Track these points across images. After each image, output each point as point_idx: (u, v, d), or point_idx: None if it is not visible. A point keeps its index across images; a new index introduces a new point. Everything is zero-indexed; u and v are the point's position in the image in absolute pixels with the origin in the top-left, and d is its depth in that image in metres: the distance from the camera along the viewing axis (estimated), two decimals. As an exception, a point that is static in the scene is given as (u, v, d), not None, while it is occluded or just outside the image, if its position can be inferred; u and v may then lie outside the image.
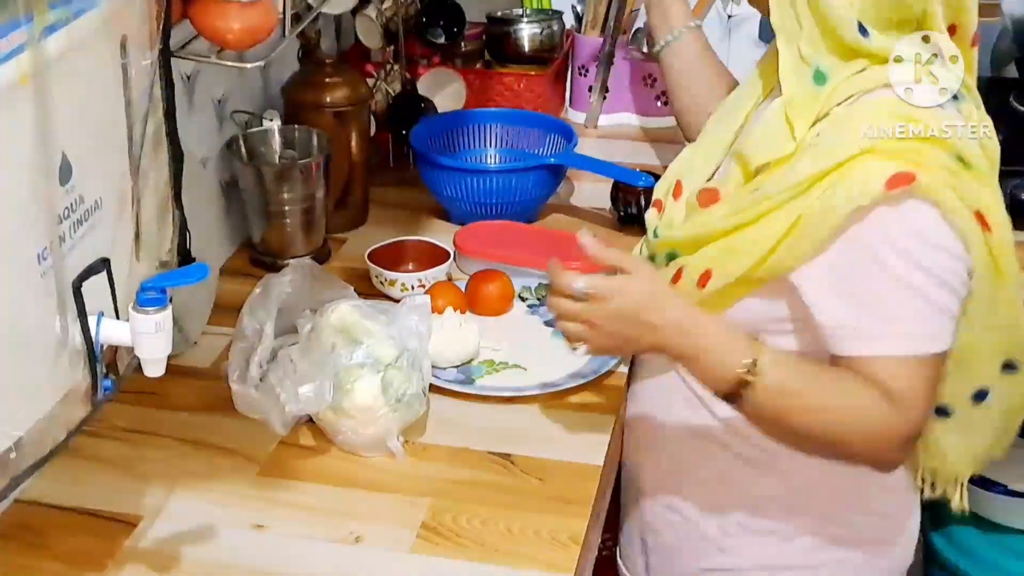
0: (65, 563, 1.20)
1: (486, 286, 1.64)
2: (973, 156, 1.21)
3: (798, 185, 1.20)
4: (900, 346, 1.19)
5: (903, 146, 1.18)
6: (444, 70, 2.21)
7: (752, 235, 1.24)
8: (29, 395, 0.96)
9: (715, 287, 1.27)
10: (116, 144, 1.04)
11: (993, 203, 1.23)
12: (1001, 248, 1.24)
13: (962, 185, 1.19)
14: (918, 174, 1.16)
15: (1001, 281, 1.25)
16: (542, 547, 1.23)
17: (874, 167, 1.17)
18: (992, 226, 1.22)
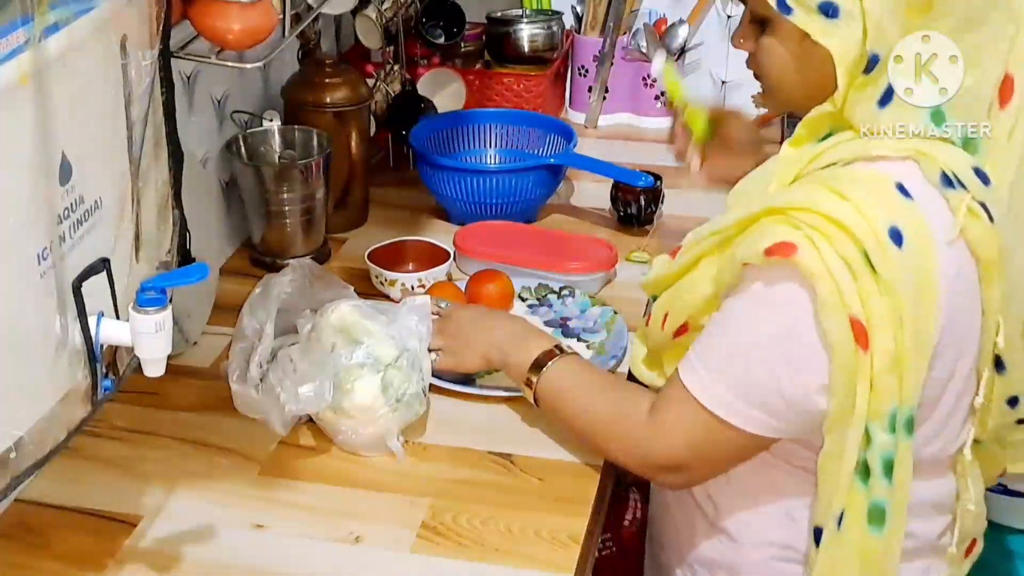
0: (65, 563, 1.20)
1: (486, 286, 1.64)
2: (889, 263, 1.08)
3: (719, 232, 1.19)
4: (696, 387, 1.17)
5: (810, 219, 1.09)
6: (444, 70, 2.21)
7: (691, 280, 1.24)
8: (29, 395, 0.96)
9: (671, 328, 1.27)
10: (116, 144, 1.04)
11: (887, 322, 1.08)
12: (873, 378, 1.10)
13: (853, 286, 1.08)
14: (801, 250, 1.09)
15: (847, 419, 1.12)
16: (542, 547, 1.23)
17: (769, 228, 1.11)
18: (873, 348, 1.08)
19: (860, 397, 1.11)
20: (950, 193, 1.13)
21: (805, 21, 1.13)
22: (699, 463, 1.22)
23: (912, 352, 1.10)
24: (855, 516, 1.16)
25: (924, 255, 1.10)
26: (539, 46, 2.26)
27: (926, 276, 1.10)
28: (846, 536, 1.17)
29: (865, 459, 1.14)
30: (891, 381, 1.10)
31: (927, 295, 1.10)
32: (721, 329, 1.18)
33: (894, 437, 1.12)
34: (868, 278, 1.08)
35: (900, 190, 1.12)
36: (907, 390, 1.11)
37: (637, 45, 2.33)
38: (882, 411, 1.11)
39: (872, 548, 1.17)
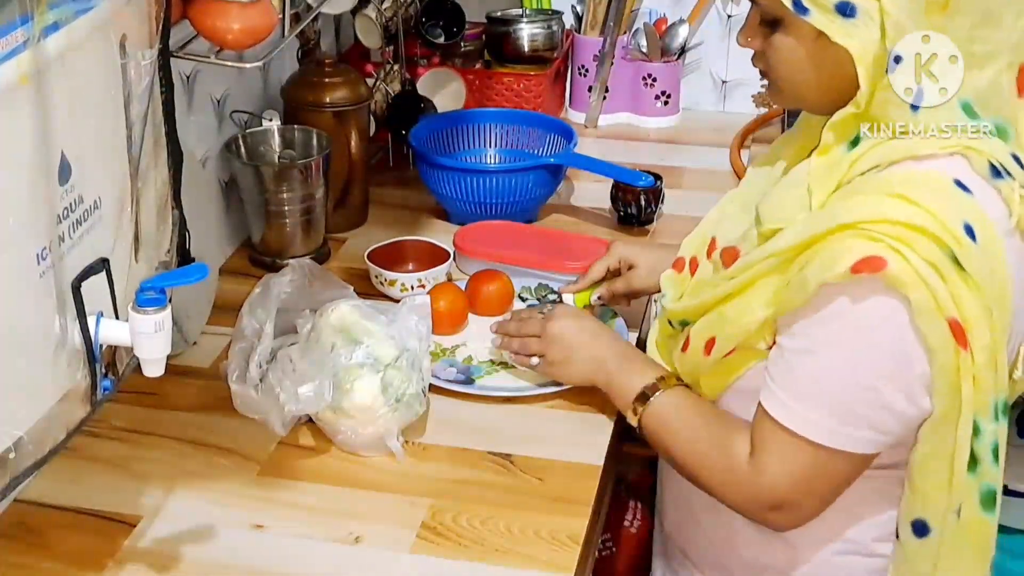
0: (65, 563, 1.20)
1: (486, 286, 1.64)
2: (973, 261, 1.09)
3: (779, 255, 1.17)
4: (793, 422, 1.16)
5: (889, 230, 1.09)
6: (444, 70, 2.21)
7: (741, 304, 1.22)
8: (29, 395, 0.96)
9: (719, 354, 1.25)
10: (115, 144, 1.04)
11: (981, 318, 1.09)
12: (975, 374, 1.11)
13: (945, 288, 1.08)
14: (891, 262, 1.08)
15: (955, 412, 1.13)
16: (542, 547, 1.23)
17: (847, 245, 1.10)
18: (972, 346, 1.10)
19: (966, 395, 1.12)
20: (1001, 184, 1.14)
21: (823, 22, 1.12)
22: (808, 497, 1.20)
23: (1001, 342, 1.12)
24: (969, 505, 1.18)
25: (993, 248, 1.11)
26: (539, 46, 2.26)
27: (1000, 267, 1.11)
28: (964, 526, 1.18)
29: (974, 450, 1.15)
30: (990, 374, 1.12)
31: (1003, 285, 1.12)
32: (806, 356, 1.15)
33: (998, 424, 1.14)
34: (956, 278, 1.09)
35: (959, 185, 1.12)
36: (1001, 378, 1.13)
37: (637, 45, 2.33)
38: (987, 403, 1.13)
39: (986, 531, 1.20)
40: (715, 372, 1.27)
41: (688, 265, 1.38)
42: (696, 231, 1.41)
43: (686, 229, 1.56)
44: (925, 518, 1.20)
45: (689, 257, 1.39)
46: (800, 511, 1.21)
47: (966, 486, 1.17)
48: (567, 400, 1.46)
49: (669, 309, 1.35)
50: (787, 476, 1.18)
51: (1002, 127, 1.17)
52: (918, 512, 1.20)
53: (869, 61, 1.12)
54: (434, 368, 1.49)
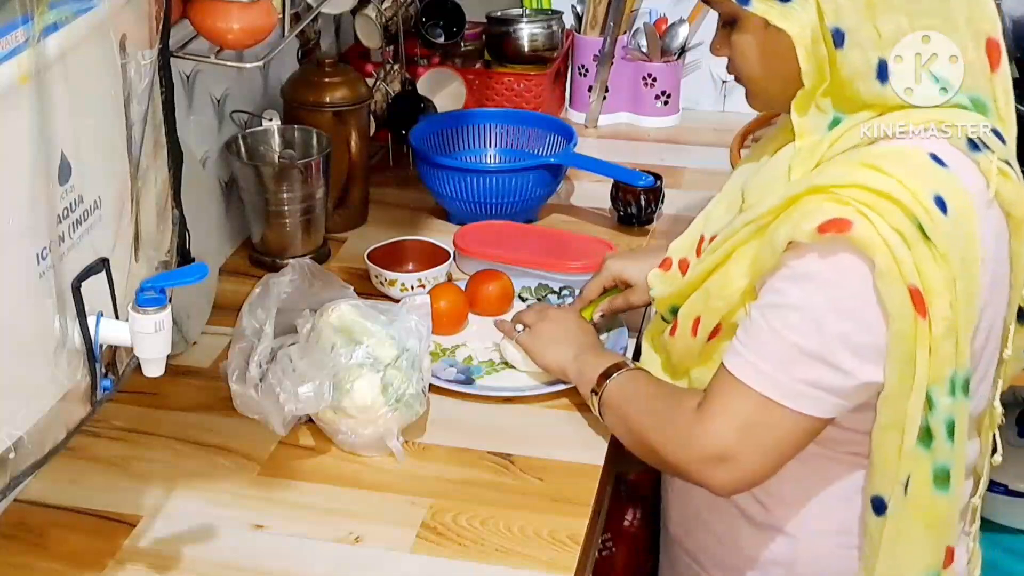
0: (65, 563, 1.20)
1: (486, 286, 1.64)
2: (940, 232, 1.10)
3: (753, 221, 1.19)
4: (744, 372, 1.17)
5: (858, 195, 1.11)
6: (444, 70, 2.21)
7: (723, 276, 1.23)
8: (29, 395, 0.96)
9: (705, 331, 1.26)
10: (115, 144, 1.04)
11: (943, 289, 1.10)
12: (932, 344, 1.11)
13: (908, 256, 1.09)
14: (856, 224, 1.09)
15: (909, 382, 1.13)
16: (542, 547, 1.23)
17: (817, 206, 1.12)
18: (931, 315, 1.10)
19: (920, 364, 1.12)
20: (979, 156, 1.16)
21: (762, 8, 1.17)
22: (748, 450, 1.18)
23: (964, 316, 1.13)
24: (921, 481, 1.17)
25: (967, 221, 1.12)
26: (539, 46, 2.25)
27: (970, 241, 1.13)
28: (912, 501, 1.18)
29: (927, 424, 1.15)
30: (949, 346, 1.12)
31: (972, 259, 1.13)
32: (767, 311, 1.17)
33: (954, 399, 1.14)
34: (922, 247, 1.10)
35: (934, 159, 1.14)
36: (962, 353, 1.14)
37: (637, 45, 2.33)
38: (943, 376, 1.13)
39: (939, 510, 1.19)
40: (703, 357, 1.28)
41: (677, 265, 1.39)
42: (685, 233, 1.42)
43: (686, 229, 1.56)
44: (881, 494, 1.20)
45: (678, 258, 1.39)
46: (742, 464, 1.19)
47: (917, 460, 1.17)
48: (567, 400, 1.46)
49: (658, 298, 1.37)
50: (730, 423, 1.18)
51: (979, 101, 1.18)
52: (876, 488, 1.20)
53: (807, 39, 1.16)
54: (434, 368, 1.49)
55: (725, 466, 1.19)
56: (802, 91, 1.19)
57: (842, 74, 1.16)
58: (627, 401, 1.32)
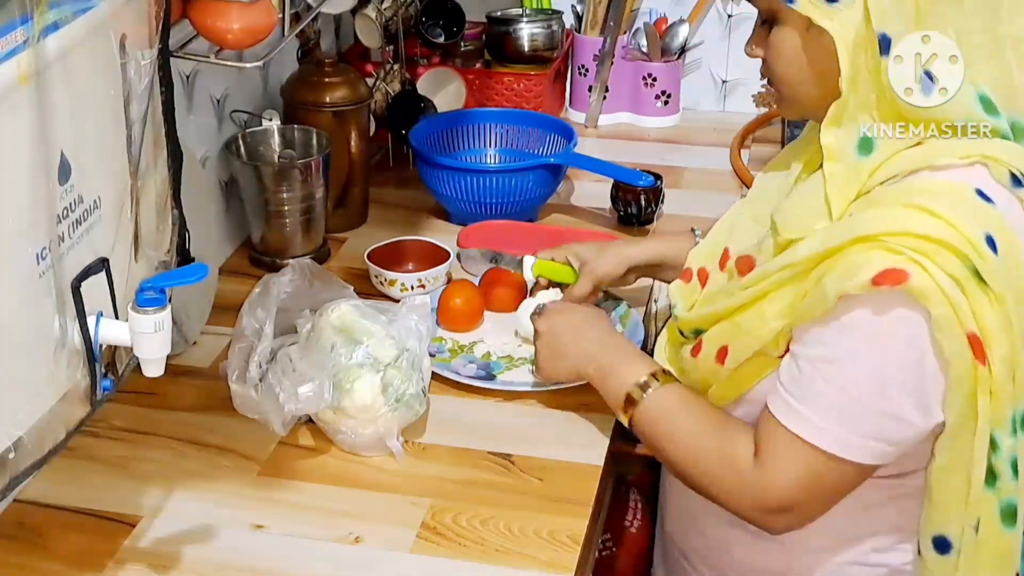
0: (65, 563, 1.20)
1: (500, 283, 1.65)
2: (994, 274, 1.07)
3: (795, 265, 1.15)
4: (802, 428, 1.15)
5: (910, 243, 1.07)
6: (444, 70, 2.21)
7: (755, 314, 1.20)
8: (28, 395, 0.96)
9: (733, 364, 1.24)
10: (115, 143, 1.04)
11: (1000, 330, 1.08)
12: (992, 387, 1.09)
13: (965, 302, 1.07)
14: (913, 275, 1.06)
15: (971, 425, 1.12)
16: (542, 547, 1.23)
17: (868, 257, 1.08)
18: (991, 359, 1.08)
19: (983, 409, 1.10)
20: (1021, 192, 1.13)
21: (807, 7, 1.13)
22: (811, 502, 1.18)
23: (1021, 353, 1.10)
24: (987, 520, 1.16)
25: (1015, 258, 1.10)
26: (539, 45, 2.25)
27: (1019, 278, 1.10)
28: (983, 540, 1.17)
29: (990, 464, 1.14)
30: (1009, 387, 1.10)
31: (1021, 296, 1.10)
32: (820, 364, 1.14)
33: (1016, 439, 1.13)
34: (978, 292, 1.07)
35: (980, 195, 1.11)
36: (1020, 390, 1.12)
37: (637, 44, 2.33)
38: (1004, 416, 1.11)
39: (1007, 545, 1.17)
40: (728, 382, 1.26)
41: (696, 275, 1.37)
42: (705, 242, 1.39)
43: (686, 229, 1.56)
44: (946, 534, 1.18)
45: (697, 268, 1.37)
46: (802, 514, 1.20)
47: (984, 501, 1.15)
48: (567, 400, 1.46)
49: (682, 318, 1.33)
50: (793, 480, 1.17)
51: (1017, 126, 1.15)
52: (939, 528, 1.19)
53: (850, 42, 1.12)
54: (453, 365, 1.50)
55: (786, 516, 1.20)
56: (838, 102, 1.14)
57: (890, 83, 1.12)
58: (665, 429, 1.28)
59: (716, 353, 1.25)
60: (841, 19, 1.11)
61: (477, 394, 1.47)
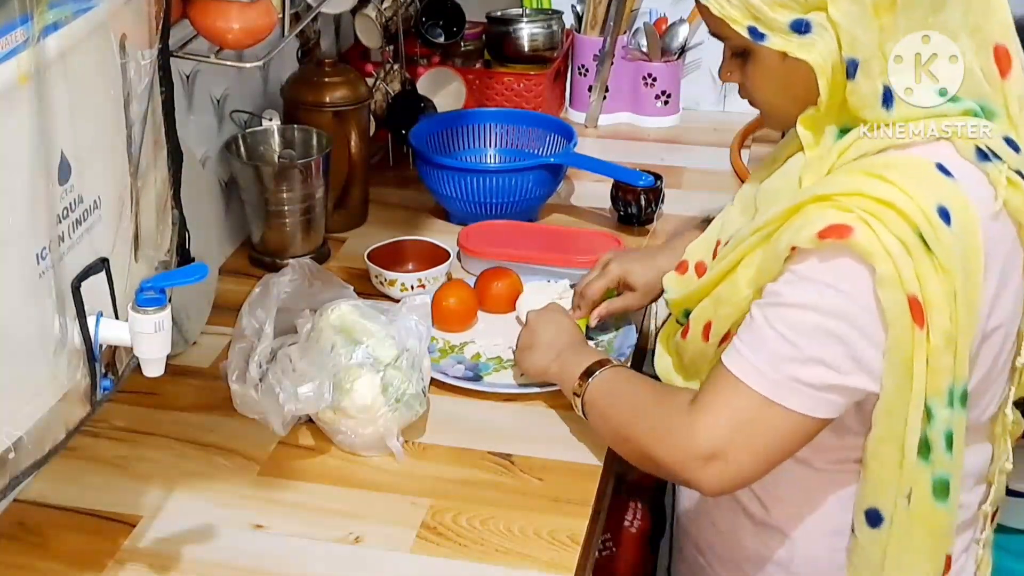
0: (65, 563, 1.20)
1: (495, 283, 1.65)
2: (942, 243, 1.10)
3: (761, 229, 1.19)
4: (741, 369, 1.16)
5: (861, 203, 1.11)
6: (444, 70, 2.21)
7: (731, 283, 1.23)
8: (28, 395, 0.96)
9: (716, 337, 1.26)
10: (115, 143, 1.04)
11: (943, 301, 1.10)
12: (929, 355, 1.11)
13: (910, 265, 1.10)
14: (857, 231, 1.10)
15: (907, 393, 1.13)
16: (542, 547, 1.23)
17: (819, 213, 1.12)
18: (930, 326, 1.10)
19: (918, 376, 1.12)
20: (988, 166, 1.15)
21: (781, 43, 1.16)
22: (740, 449, 1.17)
23: (965, 328, 1.12)
24: (920, 493, 1.17)
25: (970, 232, 1.12)
26: (539, 45, 2.25)
27: (973, 253, 1.12)
28: (913, 513, 1.18)
29: (925, 436, 1.15)
30: (948, 359, 1.12)
31: (974, 271, 1.12)
32: (767, 310, 1.16)
33: (952, 411, 1.14)
34: (923, 258, 1.10)
35: (940, 169, 1.13)
36: (960, 365, 1.13)
37: (637, 45, 2.33)
38: (941, 387, 1.13)
39: (938, 520, 1.19)
40: (715, 359, 1.26)
41: (694, 268, 1.38)
42: (702, 237, 1.41)
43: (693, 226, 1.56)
44: (877, 506, 1.20)
45: (695, 261, 1.38)
46: (732, 463, 1.18)
47: (917, 471, 1.17)
48: (567, 400, 1.45)
49: (672, 301, 1.36)
50: (723, 419, 1.17)
51: (988, 108, 1.17)
52: (871, 500, 1.20)
53: (829, 70, 1.15)
54: (442, 365, 1.50)
55: (715, 464, 1.18)
56: (813, 111, 1.18)
57: (850, 102, 1.16)
58: (611, 399, 1.31)
59: (702, 331, 1.27)
60: (819, 50, 1.14)
61: (477, 394, 1.47)
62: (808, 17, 1.14)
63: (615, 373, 1.34)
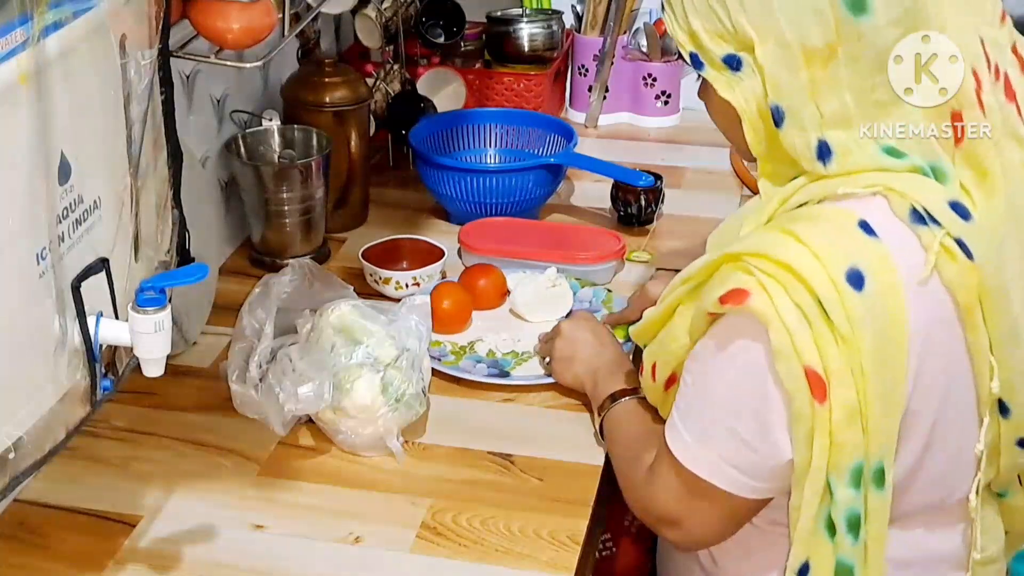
0: (65, 563, 1.20)
1: (480, 281, 1.65)
2: (845, 311, 1.03)
3: (690, 280, 1.15)
4: (675, 444, 1.16)
5: (763, 265, 1.05)
6: (444, 70, 2.21)
7: (669, 330, 1.20)
8: (29, 395, 0.96)
9: (661, 380, 1.23)
10: (115, 144, 1.04)
11: (844, 373, 1.03)
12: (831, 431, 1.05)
13: (808, 334, 1.03)
14: (753, 296, 1.04)
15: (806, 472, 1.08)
16: (542, 547, 1.23)
17: (727, 275, 1.08)
18: (831, 400, 1.04)
19: (818, 450, 1.06)
20: (921, 230, 1.06)
21: (712, 75, 1.12)
22: (693, 521, 1.19)
23: (879, 402, 1.05)
24: (822, 571, 1.12)
25: (890, 297, 1.04)
26: (539, 45, 2.25)
27: (893, 319, 1.04)
28: None
29: (829, 514, 1.10)
30: (853, 434, 1.06)
31: (895, 340, 1.05)
32: (692, 385, 1.15)
33: (859, 492, 1.08)
34: (823, 326, 1.03)
35: (863, 228, 1.06)
36: (874, 443, 1.07)
37: (637, 44, 2.33)
38: (842, 465, 1.07)
39: None
40: (663, 403, 1.25)
41: None
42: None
43: (686, 229, 1.56)
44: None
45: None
46: (688, 529, 1.19)
47: (817, 547, 1.11)
48: (567, 400, 1.46)
49: (633, 332, 1.30)
50: (670, 494, 1.18)
51: (939, 169, 1.09)
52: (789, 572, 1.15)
53: (753, 113, 1.10)
54: (462, 366, 1.51)
55: (673, 529, 1.22)
56: (759, 164, 1.15)
57: (783, 150, 1.10)
58: (614, 433, 1.34)
59: (651, 370, 1.25)
60: (743, 90, 1.10)
61: (477, 394, 1.47)
62: (741, 55, 1.09)
63: (630, 407, 1.34)
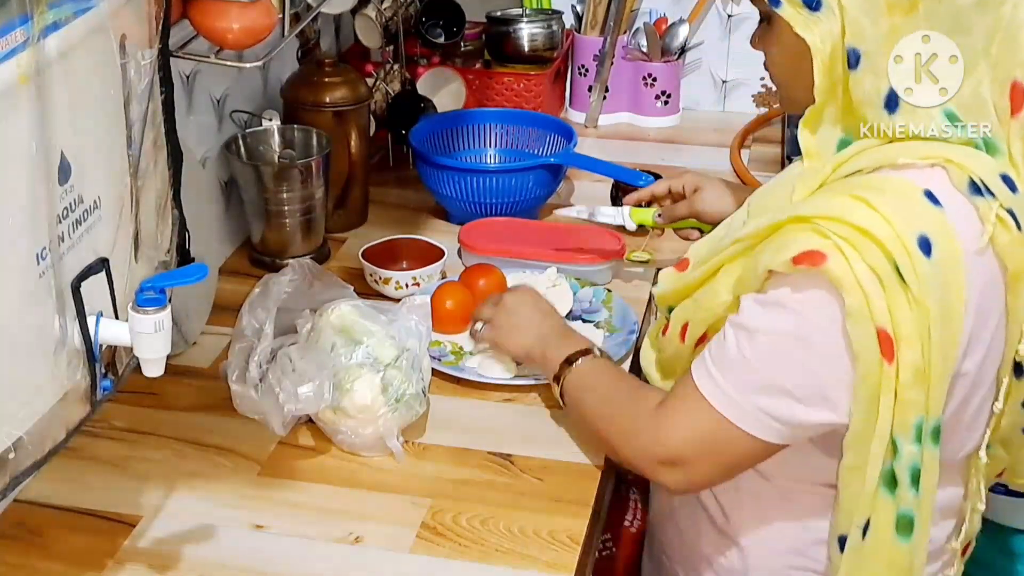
0: (65, 563, 1.20)
1: (480, 281, 1.65)
2: (918, 275, 1.07)
3: (742, 240, 1.17)
4: (707, 386, 1.16)
5: (838, 229, 1.08)
6: (444, 70, 2.21)
7: (710, 289, 1.23)
8: (28, 395, 0.96)
9: (692, 340, 1.25)
10: (115, 144, 1.04)
11: (914, 335, 1.07)
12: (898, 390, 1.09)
13: (882, 297, 1.07)
14: (830, 259, 1.07)
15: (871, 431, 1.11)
16: (542, 547, 1.23)
17: (796, 236, 1.10)
18: (900, 361, 1.07)
19: (884, 409, 1.10)
20: (979, 201, 1.11)
21: (790, 12, 1.14)
22: (700, 460, 1.19)
23: (939, 364, 1.09)
24: (883, 526, 1.15)
25: (952, 265, 1.09)
26: (539, 45, 2.25)
27: (954, 286, 1.09)
28: (872, 546, 1.16)
29: (892, 469, 1.13)
30: (917, 394, 1.09)
31: (955, 305, 1.09)
32: (738, 332, 1.16)
33: (920, 447, 1.12)
34: (897, 290, 1.07)
35: (928, 197, 1.10)
36: (933, 401, 1.10)
37: (637, 44, 2.33)
38: (908, 423, 1.10)
39: (900, 557, 1.16)
40: (689, 360, 1.26)
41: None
42: (708, 236, 1.40)
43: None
44: (846, 534, 1.18)
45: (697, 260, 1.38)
46: (691, 472, 1.20)
47: (878, 504, 1.14)
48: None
49: (659, 295, 1.35)
50: (686, 432, 1.18)
51: (991, 142, 1.14)
52: (841, 528, 1.18)
53: (826, 54, 1.13)
54: (464, 367, 1.50)
55: (675, 470, 1.20)
56: (812, 108, 1.16)
57: (852, 97, 1.13)
58: (588, 391, 1.32)
59: (680, 330, 1.27)
60: (820, 30, 1.12)
61: (477, 394, 1.47)
62: None
63: (595, 364, 1.34)
